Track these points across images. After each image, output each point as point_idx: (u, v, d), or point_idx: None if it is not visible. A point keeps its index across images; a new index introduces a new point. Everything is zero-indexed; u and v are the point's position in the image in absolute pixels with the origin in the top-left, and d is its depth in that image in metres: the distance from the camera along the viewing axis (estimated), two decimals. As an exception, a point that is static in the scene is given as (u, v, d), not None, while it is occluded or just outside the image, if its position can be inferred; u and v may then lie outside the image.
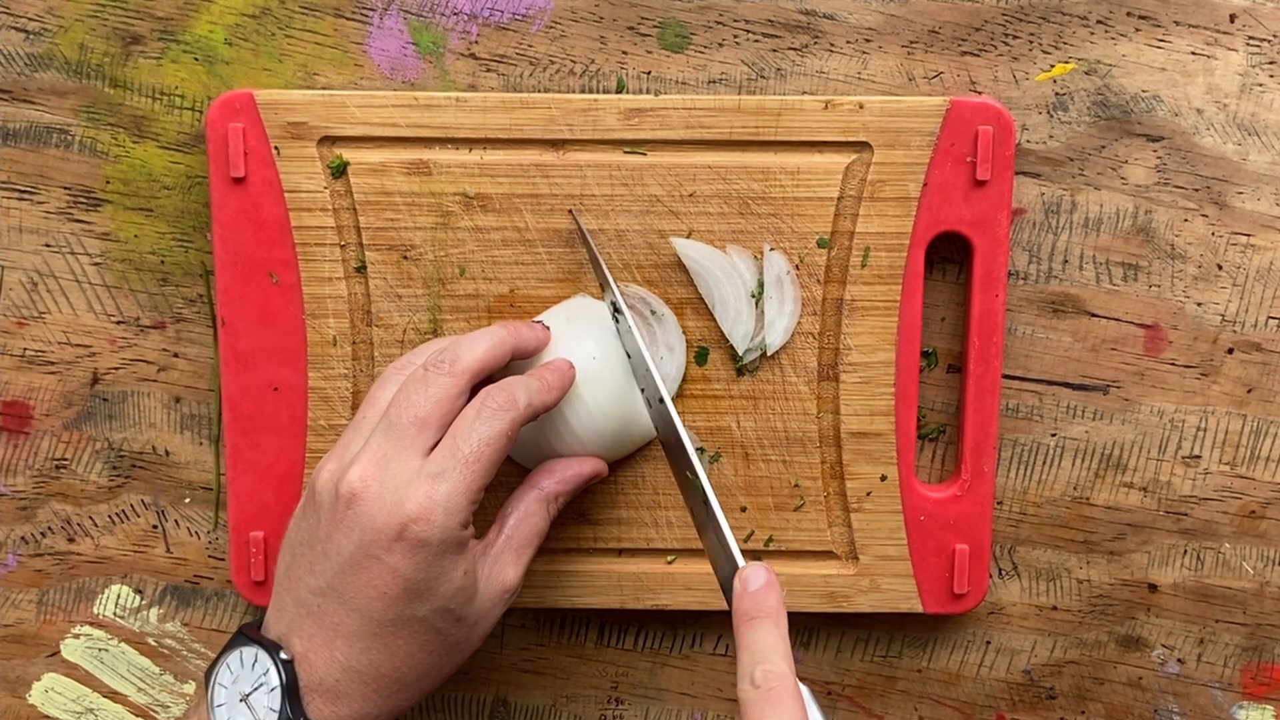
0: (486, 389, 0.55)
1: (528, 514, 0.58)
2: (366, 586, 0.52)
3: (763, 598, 0.51)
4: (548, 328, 0.60)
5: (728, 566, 0.54)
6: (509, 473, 0.62)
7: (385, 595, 0.52)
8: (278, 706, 0.52)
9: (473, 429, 0.54)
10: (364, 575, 0.52)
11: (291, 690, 0.53)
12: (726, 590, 0.54)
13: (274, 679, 0.53)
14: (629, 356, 0.60)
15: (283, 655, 0.53)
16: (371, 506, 0.52)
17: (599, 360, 0.60)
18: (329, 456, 0.56)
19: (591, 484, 0.61)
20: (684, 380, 0.63)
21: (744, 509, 0.64)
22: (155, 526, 0.67)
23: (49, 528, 0.67)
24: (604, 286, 0.62)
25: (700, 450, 0.64)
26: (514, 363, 0.59)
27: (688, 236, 0.63)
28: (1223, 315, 0.65)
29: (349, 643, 0.53)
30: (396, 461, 0.53)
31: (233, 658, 0.54)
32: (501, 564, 0.57)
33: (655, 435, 0.63)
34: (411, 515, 0.52)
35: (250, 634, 0.55)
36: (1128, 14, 0.63)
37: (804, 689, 0.50)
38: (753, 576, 0.52)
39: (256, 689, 0.53)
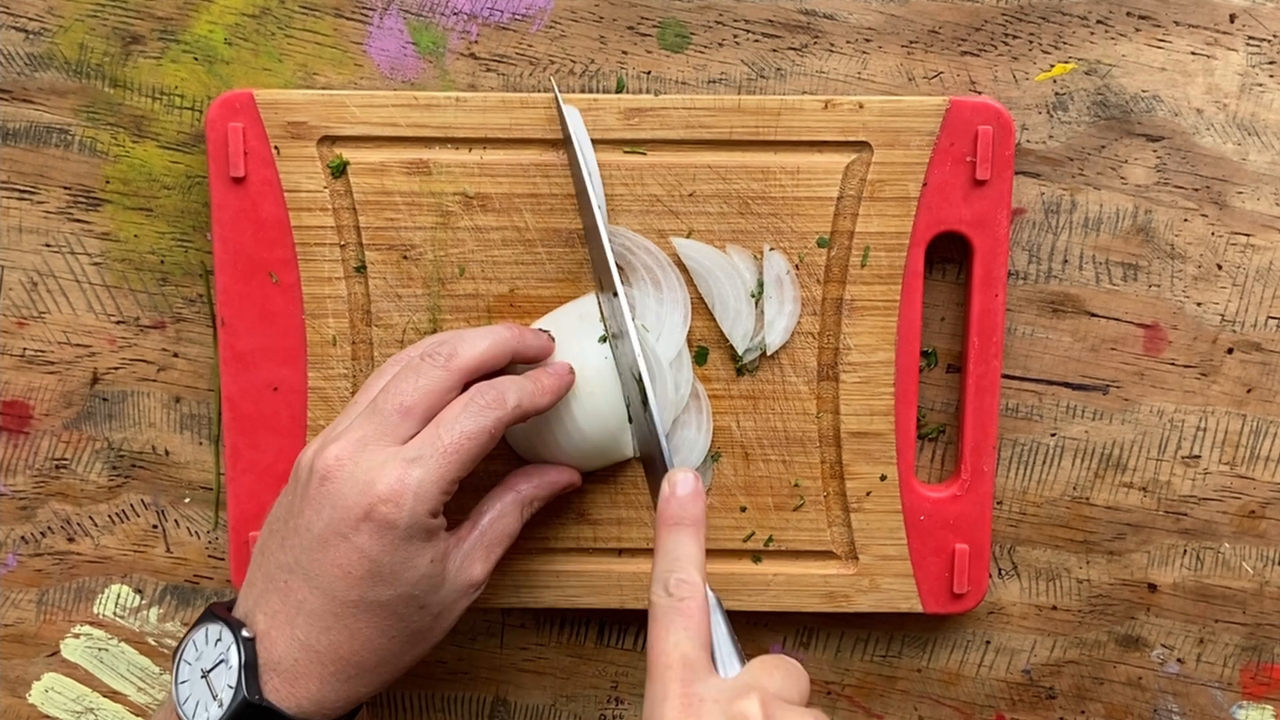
0: (477, 385, 0.56)
1: (502, 514, 0.59)
2: (332, 565, 0.53)
3: (688, 504, 0.53)
4: (553, 339, 0.60)
5: (660, 470, 0.56)
6: (494, 473, 0.62)
7: (349, 575, 0.53)
8: (235, 684, 0.52)
9: (456, 421, 0.54)
10: (330, 554, 0.53)
11: (250, 668, 0.53)
12: (656, 494, 0.55)
13: (234, 657, 0.53)
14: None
15: (245, 633, 0.53)
16: (343, 485, 0.53)
17: (611, 359, 0.60)
18: (316, 437, 0.56)
19: (565, 493, 0.62)
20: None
21: (744, 509, 0.64)
22: (155, 526, 0.67)
23: (49, 528, 0.67)
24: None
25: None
26: (516, 364, 0.59)
27: (688, 236, 0.63)
28: (1222, 315, 0.65)
29: (310, 621, 0.53)
30: (374, 444, 0.54)
31: (199, 634, 0.55)
32: (471, 559, 0.57)
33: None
34: (381, 496, 0.52)
35: (218, 611, 0.55)
36: (1128, 14, 0.63)
37: (712, 598, 0.52)
38: (681, 482, 0.54)
39: (217, 666, 0.53)
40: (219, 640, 0.54)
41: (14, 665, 0.68)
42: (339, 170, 0.62)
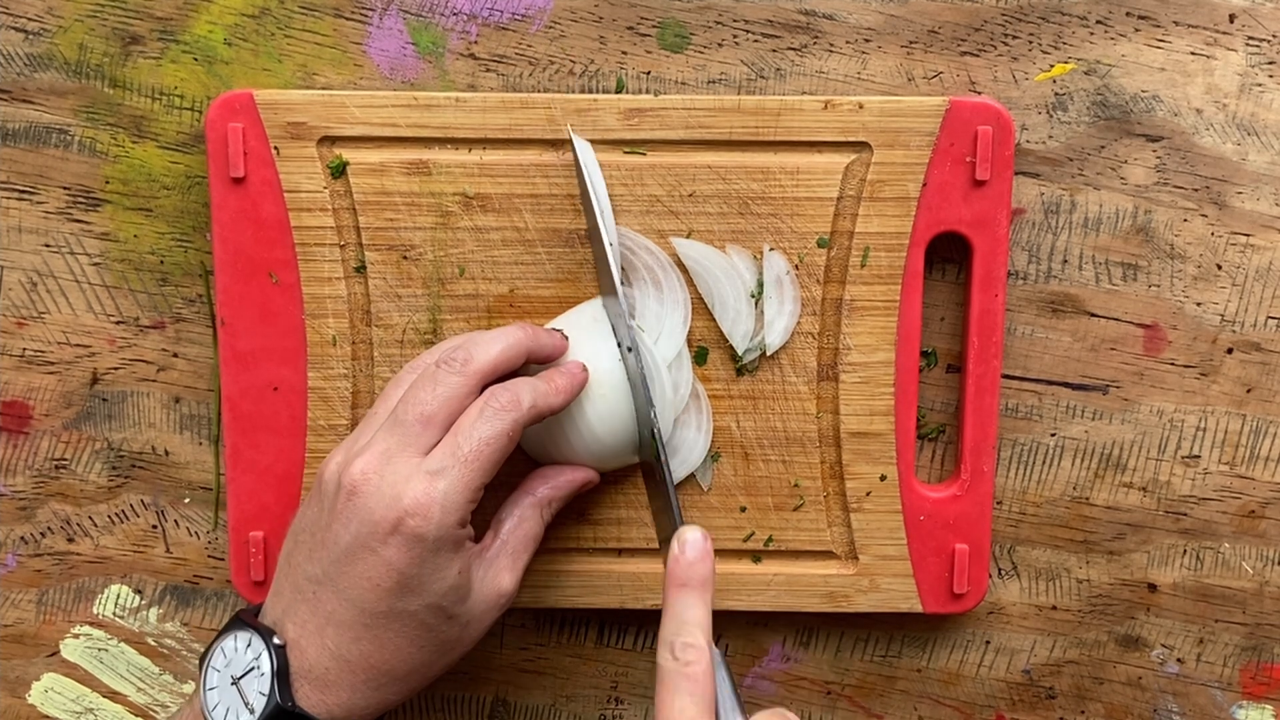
0: (491, 388, 0.56)
1: (523, 519, 0.59)
2: (361, 577, 0.53)
3: (697, 566, 0.54)
4: (566, 336, 0.60)
5: (669, 525, 0.57)
6: (511, 473, 0.62)
7: (378, 587, 0.53)
8: (267, 691, 0.53)
9: (474, 428, 0.54)
10: (359, 566, 0.53)
11: (282, 675, 0.53)
12: (665, 546, 0.56)
13: (265, 664, 0.53)
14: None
15: (276, 640, 0.54)
16: (370, 499, 0.53)
17: (624, 361, 0.60)
18: (338, 449, 0.56)
19: (583, 491, 0.62)
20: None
21: (743, 509, 0.64)
22: (155, 526, 0.67)
23: (49, 528, 0.67)
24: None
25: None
26: (530, 364, 0.59)
27: (687, 236, 0.63)
28: (1222, 315, 0.65)
29: (340, 631, 0.53)
30: (399, 457, 0.54)
31: (228, 642, 0.55)
32: (498, 568, 0.57)
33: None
34: (408, 509, 0.52)
35: (246, 619, 0.55)
36: (1127, 14, 0.63)
37: (716, 655, 0.53)
38: (690, 542, 0.54)
39: (248, 673, 0.54)
40: (249, 647, 0.54)
41: (14, 665, 0.68)
42: (339, 170, 0.62)
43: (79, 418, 0.66)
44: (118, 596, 0.68)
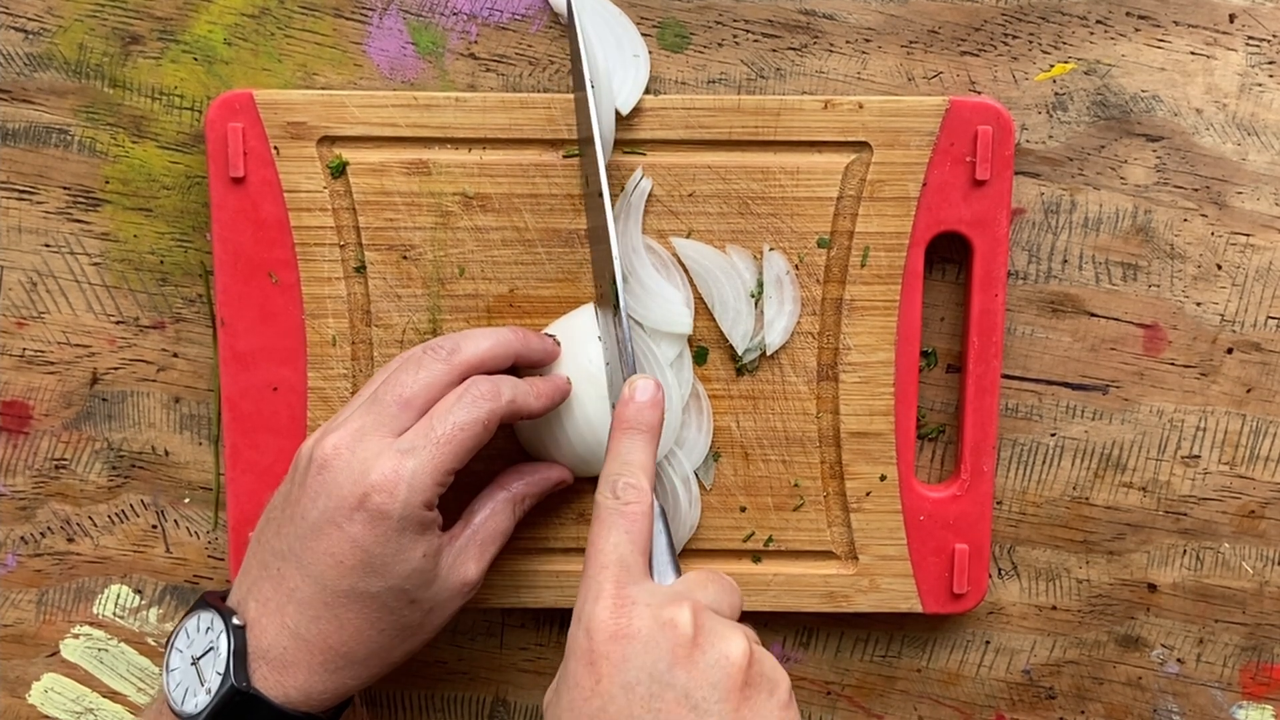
0: (474, 377, 0.56)
1: (494, 512, 0.59)
2: (324, 554, 0.53)
3: (646, 411, 0.55)
4: (559, 343, 0.60)
5: (624, 374, 0.57)
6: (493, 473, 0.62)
7: (341, 564, 0.53)
8: (223, 671, 0.53)
9: (451, 412, 0.54)
10: (324, 542, 0.53)
11: (239, 656, 0.53)
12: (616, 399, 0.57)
13: (223, 644, 0.53)
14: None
15: (235, 621, 0.54)
16: (339, 474, 0.53)
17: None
18: (319, 428, 0.57)
19: (557, 490, 0.62)
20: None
21: (743, 509, 0.64)
22: (155, 526, 0.67)
23: (48, 528, 0.67)
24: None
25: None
26: (522, 369, 0.59)
27: (687, 236, 0.63)
28: (1222, 315, 0.65)
29: (300, 609, 0.53)
30: (372, 435, 0.54)
31: (190, 622, 0.55)
32: (465, 557, 0.57)
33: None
34: (375, 485, 0.52)
35: (210, 600, 0.55)
36: (1127, 14, 0.63)
37: (657, 508, 0.54)
38: (641, 388, 0.55)
39: (207, 653, 0.54)
40: (209, 628, 0.54)
41: (14, 665, 0.68)
42: (338, 170, 0.62)
43: (79, 418, 0.66)
44: (118, 596, 0.68)
